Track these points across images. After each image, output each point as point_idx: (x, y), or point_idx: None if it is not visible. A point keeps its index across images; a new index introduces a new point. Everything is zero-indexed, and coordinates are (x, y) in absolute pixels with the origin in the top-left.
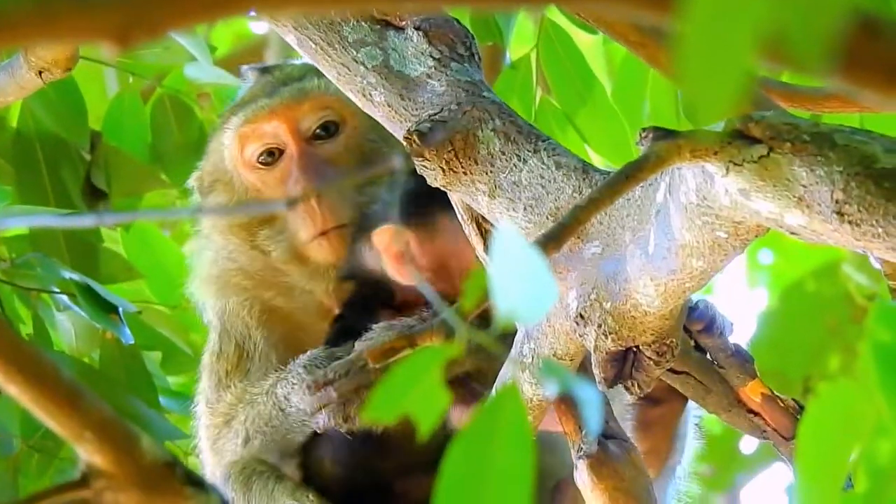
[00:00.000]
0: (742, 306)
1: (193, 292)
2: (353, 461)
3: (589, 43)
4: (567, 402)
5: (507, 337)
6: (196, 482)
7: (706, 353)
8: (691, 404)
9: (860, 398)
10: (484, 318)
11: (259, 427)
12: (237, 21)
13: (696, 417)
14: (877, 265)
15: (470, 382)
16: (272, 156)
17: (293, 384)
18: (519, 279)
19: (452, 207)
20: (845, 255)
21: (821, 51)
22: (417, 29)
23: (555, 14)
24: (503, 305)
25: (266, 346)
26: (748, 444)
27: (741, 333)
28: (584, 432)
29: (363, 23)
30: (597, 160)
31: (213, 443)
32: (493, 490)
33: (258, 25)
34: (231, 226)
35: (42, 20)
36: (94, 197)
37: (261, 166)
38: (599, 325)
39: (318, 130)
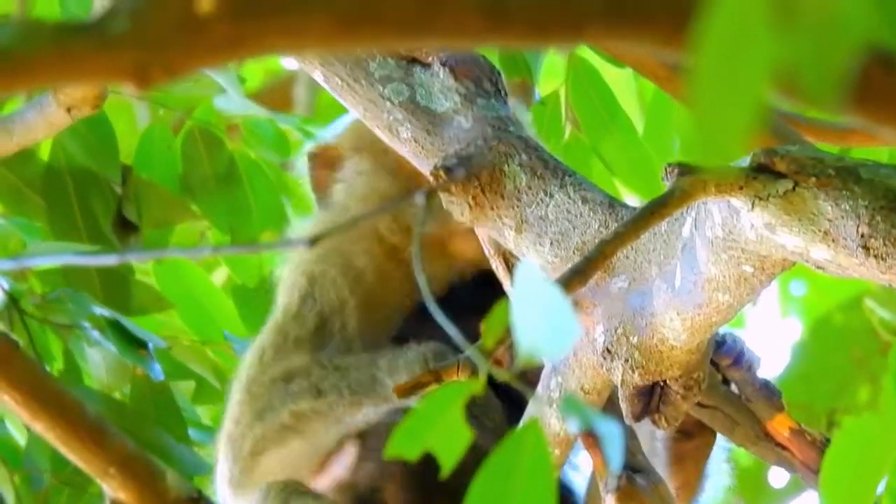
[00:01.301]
0: (775, 337)
1: (291, 254)
2: (415, 497)
3: (620, 77)
4: (594, 436)
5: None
6: None
7: (732, 387)
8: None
9: (884, 432)
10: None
11: (339, 387)
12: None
13: (727, 450)
14: None
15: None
16: None
17: (412, 360)
18: (540, 316)
19: None
20: (874, 288)
21: (832, 88)
22: (444, 65)
23: (584, 50)
24: (525, 342)
25: (355, 327)
26: (778, 475)
27: (770, 366)
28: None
29: (389, 59)
30: (627, 195)
31: (249, 387)
32: None
33: (288, 61)
34: (376, 192)
35: (62, 61)
36: (126, 229)
37: None
38: (626, 360)
39: None
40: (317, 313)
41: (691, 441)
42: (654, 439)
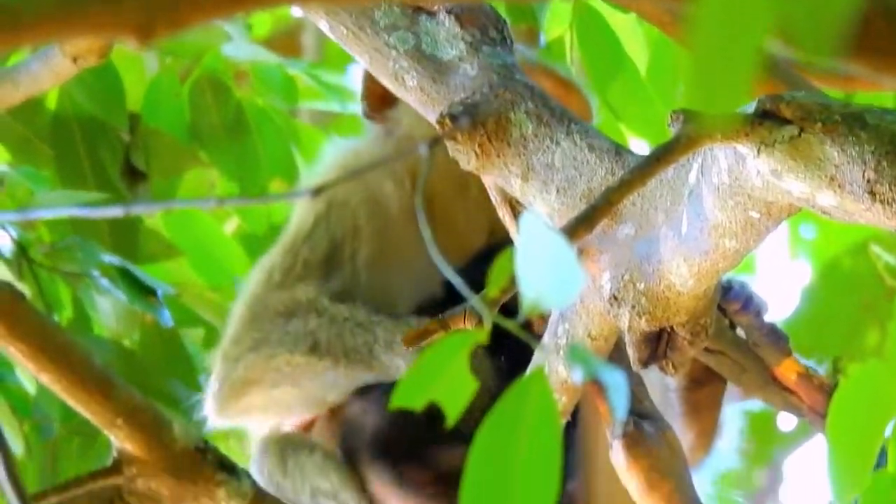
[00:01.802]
0: (784, 279)
1: (307, 173)
2: (396, 427)
3: (626, 23)
4: (600, 384)
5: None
6: (228, 467)
7: (739, 332)
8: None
9: (890, 376)
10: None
11: (335, 349)
12: None
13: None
14: None
15: None
16: None
17: (398, 333)
18: (545, 264)
19: None
20: (882, 233)
21: (829, 39)
22: (449, 13)
23: None
24: (529, 291)
25: (363, 265)
26: (787, 419)
27: (778, 310)
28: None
29: (394, 7)
30: (633, 141)
31: (252, 306)
32: (521, 473)
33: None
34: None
35: (65, 17)
36: (134, 178)
37: None
38: (633, 306)
39: None
40: (329, 238)
41: (703, 390)
42: (666, 391)
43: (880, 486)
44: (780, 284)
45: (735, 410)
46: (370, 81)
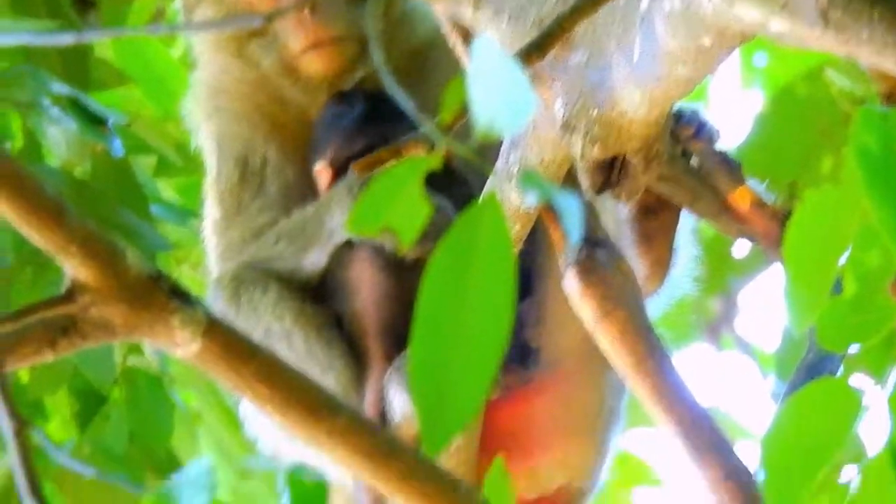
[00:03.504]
0: (736, 109)
1: (187, 117)
2: (384, 284)
3: None
4: (553, 210)
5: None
6: (181, 295)
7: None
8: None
9: (845, 204)
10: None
11: (293, 230)
12: None
13: (692, 224)
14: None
15: None
16: None
17: (342, 194)
18: (498, 90)
19: None
20: (836, 58)
21: None
22: None
23: None
24: (482, 116)
25: (277, 158)
26: (741, 247)
27: (731, 140)
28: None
29: None
30: None
31: (222, 258)
32: (474, 301)
33: None
34: (220, 40)
35: None
36: (84, 6)
37: None
38: (586, 133)
39: None
40: (234, 161)
41: (656, 219)
42: (620, 223)
43: (836, 312)
44: (733, 114)
45: (689, 235)
46: None
